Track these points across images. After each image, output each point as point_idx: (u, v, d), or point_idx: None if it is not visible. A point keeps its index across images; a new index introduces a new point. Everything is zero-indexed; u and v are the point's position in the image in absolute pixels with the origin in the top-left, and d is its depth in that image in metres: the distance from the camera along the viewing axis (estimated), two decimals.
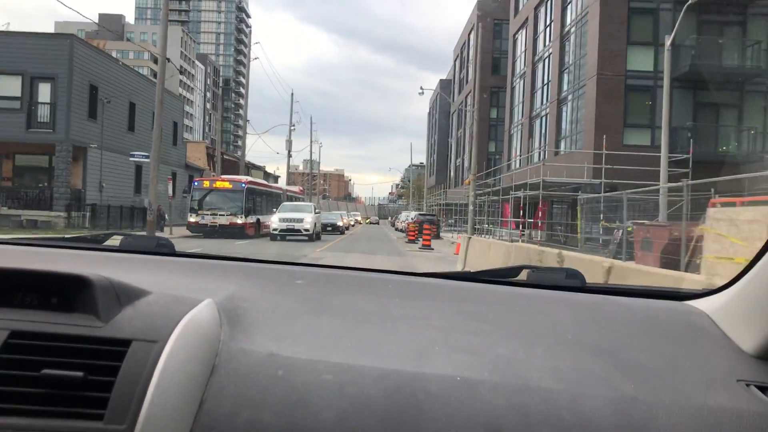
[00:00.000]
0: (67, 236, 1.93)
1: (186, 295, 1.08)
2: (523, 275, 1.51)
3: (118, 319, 0.97)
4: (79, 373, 0.88)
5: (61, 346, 0.92)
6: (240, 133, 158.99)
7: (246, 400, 0.91)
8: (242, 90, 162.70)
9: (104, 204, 29.28)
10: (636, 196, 18.03)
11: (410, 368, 0.97)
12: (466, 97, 58.36)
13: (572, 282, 1.47)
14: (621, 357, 1.04)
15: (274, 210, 30.02)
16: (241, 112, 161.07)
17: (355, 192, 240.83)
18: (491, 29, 55.41)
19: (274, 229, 27.33)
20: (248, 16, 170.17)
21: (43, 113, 27.21)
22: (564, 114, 32.67)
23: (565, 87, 32.58)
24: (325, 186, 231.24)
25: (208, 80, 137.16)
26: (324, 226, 37.00)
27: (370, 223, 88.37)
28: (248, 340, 1.01)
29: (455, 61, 70.64)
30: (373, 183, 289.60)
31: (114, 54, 36.00)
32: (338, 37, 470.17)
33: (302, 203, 33.89)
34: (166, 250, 1.61)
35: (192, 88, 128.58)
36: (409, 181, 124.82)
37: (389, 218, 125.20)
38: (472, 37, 58.41)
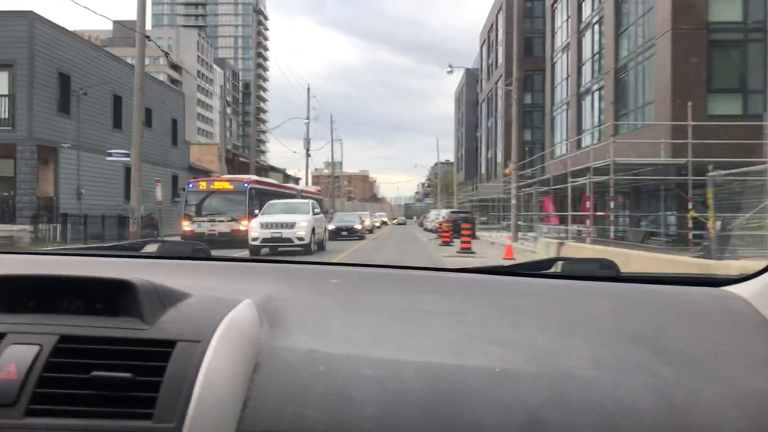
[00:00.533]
0: (105, 245, 1.66)
1: (225, 296, 1.12)
2: (557, 267, 1.53)
3: (162, 321, 1.00)
4: (128, 374, 0.92)
5: (109, 349, 0.95)
6: (263, 137, 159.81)
7: (289, 396, 0.93)
8: (262, 93, 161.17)
9: (89, 213, 25.15)
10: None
11: (448, 361, 0.98)
12: (497, 82, 53.49)
13: (607, 272, 1.49)
14: (660, 344, 1.05)
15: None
16: (262, 116, 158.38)
17: (381, 193, 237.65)
18: (522, 6, 50.69)
19: (254, 239, 19.65)
20: (266, 18, 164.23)
21: (0, 107, 23.20)
22: (624, 85, 27.59)
23: (624, 53, 27.50)
24: (349, 188, 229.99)
25: (227, 84, 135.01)
26: (336, 231, 31.06)
27: (398, 223, 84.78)
28: (288, 338, 1.04)
29: (482, 47, 65.92)
30: (399, 182, 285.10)
31: (129, 60, 31.36)
32: (358, 39, 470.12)
33: (296, 201, 24.57)
34: (202, 254, 1.67)
35: (210, 93, 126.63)
36: (436, 176, 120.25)
37: (416, 218, 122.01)
38: (500, 18, 53.77)
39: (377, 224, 53.20)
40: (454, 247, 23.68)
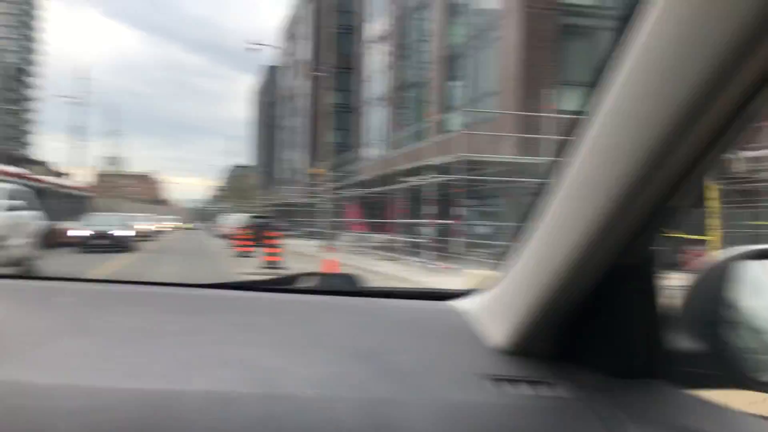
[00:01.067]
0: None
1: None
2: (301, 282, 1.56)
3: None
4: None
5: None
6: (27, 128, 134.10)
7: None
8: (29, 79, 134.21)
9: None
10: None
11: (172, 386, 0.96)
12: (303, 76, 49.12)
13: (345, 286, 1.54)
14: (382, 360, 1.09)
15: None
16: (27, 104, 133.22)
17: (171, 196, 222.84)
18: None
19: None
20: None
21: None
22: (458, 75, 24.55)
23: (457, 39, 24.49)
24: (135, 188, 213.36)
25: None
26: (86, 239, 23.94)
27: (187, 228, 76.60)
28: None
29: (286, 41, 61.27)
30: (189, 185, 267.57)
31: None
32: (147, 34, 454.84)
33: None
34: None
35: None
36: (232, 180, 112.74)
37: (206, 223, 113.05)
38: (309, 9, 49.64)
39: (167, 229, 46.00)
40: (256, 259, 18.98)
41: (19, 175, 23.25)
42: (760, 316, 1.07)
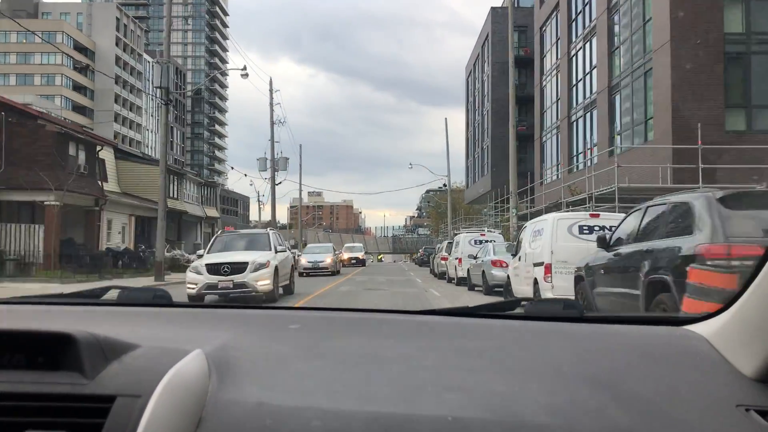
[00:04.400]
0: (64, 293, 2.20)
1: (176, 346, 1.15)
2: (520, 308, 1.60)
3: (103, 375, 1.03)
4: None
5: (46, 406, 0.99)
6: (218, 154, 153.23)
7: None
8: (218, 101, 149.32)
9: None
10: None
11: (401, 410, 1.03)
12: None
13: (570, 312, 1.56)
14: (618, 388, 1.10)
15: None
16: (218, 127, 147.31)
17: (366, 224, 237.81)
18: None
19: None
20: (225, 13, 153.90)
21: None
22: (618, 103, 27.56)
23: (617, 71, 27.52)
24: (332, 219, 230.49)
25: (168, 84, 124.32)
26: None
27: (381, 261, 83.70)
28: (237, 390, 1.08)
29: (467, 79, 65.96)
30: (385, 214, 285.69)
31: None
32: (337, 76, 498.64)
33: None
34: (163, 301, 1.75)
35: (139, 90, 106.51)
36: (428, 203, 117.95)
37: (407, 255, 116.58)
38: (486, 48, 53.87)
39: (352, 260, 47.76)
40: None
41: None
42: None
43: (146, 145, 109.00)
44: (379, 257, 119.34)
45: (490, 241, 21.56)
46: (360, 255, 50.63)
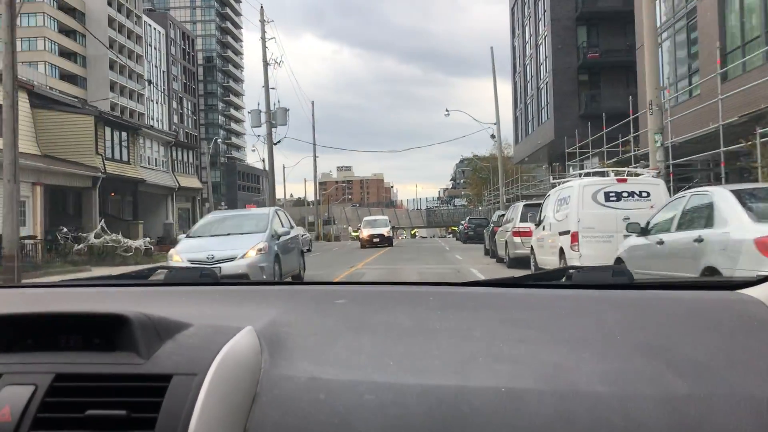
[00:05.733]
0: (112, 275, 2.14)
1: (226, 324, 1.18)
2: (568, 277, 1.59)
3: (158, 354, 1.06)
4: (122, 412, 0.98)
5: (104, 386, 1.02)
6: (238, 128, 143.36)
7: (289, 427, 0.99)
8: (232, 69, 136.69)
9: None
10: None
11: (453, 382, 1.04)
12: None
13: (619, 279, 1.55)
14: (673, 354, 1.09)
15: None
16: (232, 98, 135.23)
17: (399, 198, 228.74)
18: None
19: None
20: None
21: None
22: None
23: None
24: (362, 194, 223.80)
25: (175, 50, 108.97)
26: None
27: (415, 236, 72.66)
28: (289, 366, 1.10)
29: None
30: (418, 189, 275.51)
31: None
32: (362, 50, 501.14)
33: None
34: (209, 280, 1.80)
35: (140, 57, 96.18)
36: (463, 173, 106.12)
37: (443, 228, 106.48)
38: None
39: (374, 239, 36.93)
40: None
41: None
42: None
43: (150, 117, 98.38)
44: (413, 232, 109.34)
45: (641, 194, 11.92)
46: (385, 231, 38.38)
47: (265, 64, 40.03)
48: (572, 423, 0.95)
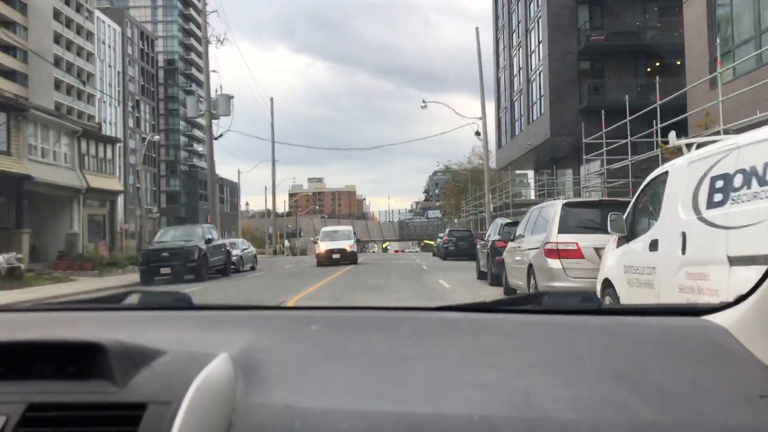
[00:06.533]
0: (85, 298, 2.29)
1: (201, 350, 1.17)
2: (538, 302, 1.62)
3: (133, 382, 1.06)
4: None
5: (78, 415, 1.01)
6: (201, 135, 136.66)
7: None
8: (197, 74, 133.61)
9: None
10: None
11: (427, 410, 1.05)
12: None
13: (588, 305, 1.58)
14: (640, 380, 1.12)
15: None
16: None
17: (371, 211, 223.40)
18: None
19: None
20: None
21: None
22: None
23: None
24: (333, 206, 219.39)
25: (132, 50, 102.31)
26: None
27: (387, 250, 66.23)
28: (264, 393, 1.10)
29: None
30: (390, 202, 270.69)
31: None
32: (335, 64, 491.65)
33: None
34: (183, 304, 1.78)
35: (91, 55, 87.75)
36: (436, 185, 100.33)
37: (417, 242, 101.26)
38: None
39: (333, 254, 29.06)
40: None
41: None
42: None
43: (104, 120, 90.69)
44: (385, 245, 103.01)
45: None
46: (347, 245, 29.99)
47: (206, 41, 33.54)
48: None
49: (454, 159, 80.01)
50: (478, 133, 34.58)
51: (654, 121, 18.60)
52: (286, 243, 67.06)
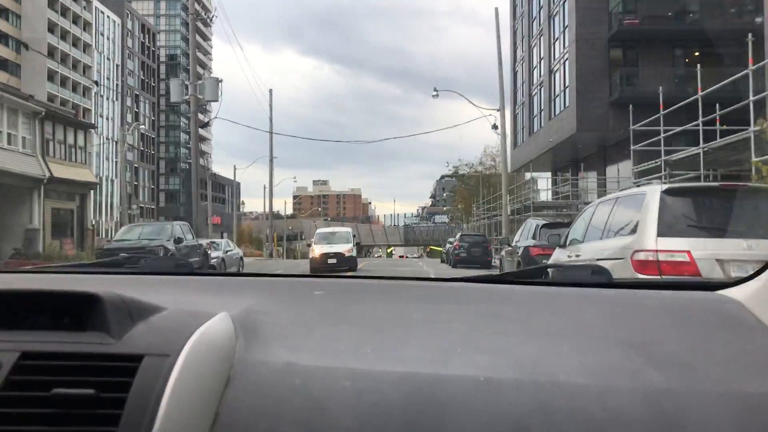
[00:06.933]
0: (87, 262, 2.22)
1: (201, 309, 1.17)
2: (549, 275, 1.62)
3: (130, 335, 1.05)
4: (90, 391, 0.96)
5: (72, 365, 1.00)
6: (205, 133, 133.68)
7: (262, 411, 0.99)
8: (200, 70, 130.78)
9: None
10: None
11: (431, 371, 1.04)
12: None
13: (598, 278, 1.59)
14: (652, 350, 1.11)
15: None
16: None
17: (376, 215, 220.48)
18: None
19: None
20: None
21: None
22: None
23: None
24: (338, 209, 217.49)
25: (132, 43, 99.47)
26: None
27: (392, 255, 62.91)
28: (264, 351, 1.10)
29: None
30: (396, 206, 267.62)
31: None
32: (342, 67, 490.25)
33: None
34: (185, 269, 1.82)
35: (88, 45, 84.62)
36: (444, 190, 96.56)
37: (422, 248, 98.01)
38: None
39: (329, 259, 25.33)
40: None
41: None
42: None
43: (100, 114, 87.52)
44: (390, 250, 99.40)
45: None
46: (345, 249, 26.06)
47: (193, 17, 30.06)
48: (551, 413, 0.95)
49: (464, 160, 75.76)
50: (495, 127, 30.89)
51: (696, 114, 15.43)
52: (287, 245, 63.67)
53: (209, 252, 22.63)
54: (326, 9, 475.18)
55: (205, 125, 28.30)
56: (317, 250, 26.23)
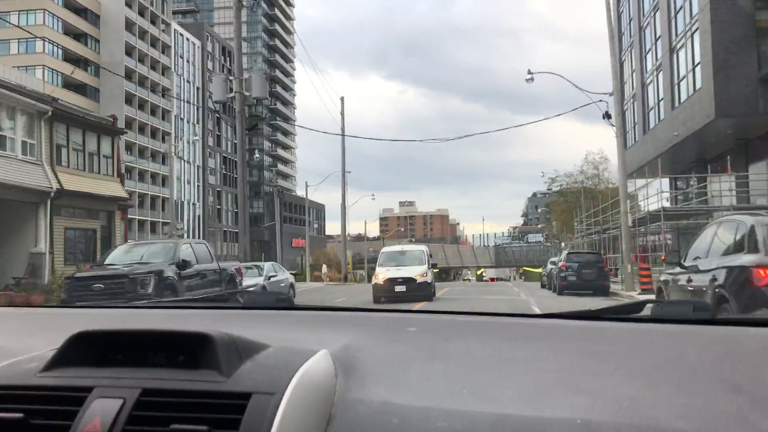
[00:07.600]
0: (192, 298, 2.46)
1: (302, 347, 1.22)
2: (647, 310, 1.56)
3: (238, 373, 1.10)
4: (204, 427, 1.01)
5: (188, 402, 1.06)
6: (287, 155, 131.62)
7: None
8: (280, 90, 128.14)
9: None
10: None
11: (527, 413, 1.03)
12: None
13: (701, 315, 1.52)
14: (759, 393, 1.07)
15: None
16: (280, 122, 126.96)
17: (464, 235, 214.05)
18: None
19: None
20: (289, 3, 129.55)
21: None
22: None
23: None
24: (425, 230, 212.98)
25: (213, 66, 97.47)
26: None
27: (483, 277, 56.99)
28: (363, 390, 1.12)
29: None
30: (485, 227, 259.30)
31: None
32: (427, 89, 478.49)
33: None
34: (285, 304, 1.89)
35: (167, 68, 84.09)
36: (536, 208, 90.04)
37: (515, 269, 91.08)
38: None
39: (397, 284, 20.00)
40: None
41: None
42: None
43: (180, 138, 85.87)
44: (479, 272, 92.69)
45: None
46: (417, 273, 20.52)
47: (238, 7, 25.70)
48: None
49: (561, 171, 68.92)
50: (608, 116, 24.80)
51: None
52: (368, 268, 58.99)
53: (239, 278, 17.64)
54: (411, 33, 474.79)
55: (253, 128, 24.00)
56: (381, 275, 20.85)
